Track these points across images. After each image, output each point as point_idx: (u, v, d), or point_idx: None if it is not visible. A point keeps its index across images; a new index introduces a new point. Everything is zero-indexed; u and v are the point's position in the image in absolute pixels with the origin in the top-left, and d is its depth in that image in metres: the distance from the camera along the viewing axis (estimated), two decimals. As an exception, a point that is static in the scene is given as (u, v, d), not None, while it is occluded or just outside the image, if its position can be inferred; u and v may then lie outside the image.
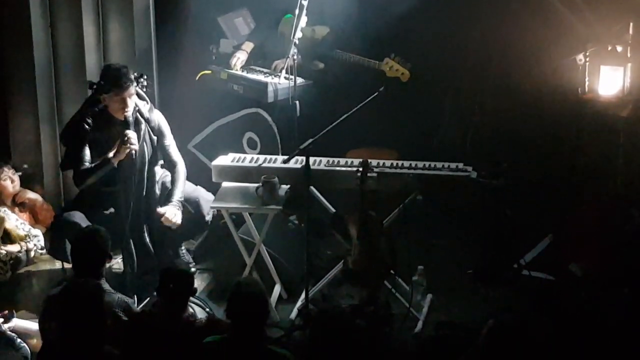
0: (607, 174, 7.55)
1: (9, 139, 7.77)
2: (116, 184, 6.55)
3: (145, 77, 6.70)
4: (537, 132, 9.49)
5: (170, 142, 6.90)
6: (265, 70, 7.94)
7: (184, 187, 6.88)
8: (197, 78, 7.99)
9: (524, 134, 9.54)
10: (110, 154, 6.48)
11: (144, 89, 6.70)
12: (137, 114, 6.63)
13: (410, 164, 6.76)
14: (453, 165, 6.74)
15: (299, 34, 7.33)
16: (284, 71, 7.63)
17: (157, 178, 6.82)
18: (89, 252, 5.71)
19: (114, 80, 6.50)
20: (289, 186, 6.82)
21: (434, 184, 6.64)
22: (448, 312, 6.83)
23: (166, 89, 8.10)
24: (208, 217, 7.04)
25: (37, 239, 7.21)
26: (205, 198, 7.02)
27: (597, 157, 7.30)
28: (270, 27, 8.15)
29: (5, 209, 7.24)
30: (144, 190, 6.70)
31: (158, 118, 6.81)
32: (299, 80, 7.49)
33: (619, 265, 7.09)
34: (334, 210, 7.00)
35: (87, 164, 6.55)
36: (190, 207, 6.95)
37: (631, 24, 7.52)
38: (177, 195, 6.81)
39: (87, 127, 6.60)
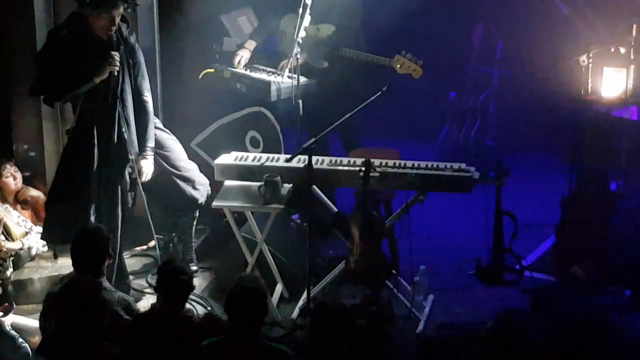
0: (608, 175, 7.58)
1: (12, 137, 7.78)
2: (94, 101, 6.47)
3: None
4: (540, 130, 9.61)
5: (141, 73, 6.75)
6: (268, 69, 7.95)
7: (153, 133, 6.83)
8: (200, 77, 8.01)
9: (527, 133, 9.67)
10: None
11: (129, 10, 6.57)
12: (118, 34, 6.53)
13: (413, 164, 6.76)
14: (456, 165, 6.74)
15: (302, 33, 7.35)
16: (287, 70, 7.64)
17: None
18: (89, 250, 5.72)
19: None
20: (291, 185, 6.82)
21: (437, 184, 6.64)
22: (450, 313, 6.85)
23: (169, 88, 8.11)
24: (202, 200, 7.12)
25: (38, 236, 7.22)
26: (201, 181, 7.14)
27: (598, 159, 7.30)
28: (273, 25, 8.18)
29: (7, 205, 7.26)
30: (117, 113, 6.55)
31: (135, 41, 6.72)
32: (302, 79, 7.50)
33: (617, 267, 7.16)
34: (336, 209, 7.03)
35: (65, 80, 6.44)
36: (186, 184, 7.05)
37: (634, 26, 7.53)
38: (150, 143, 6.76)
39: (64, 42, 6.46)
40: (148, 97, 6.79)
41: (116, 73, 6.46)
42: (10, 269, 6.96)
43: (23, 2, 7.53)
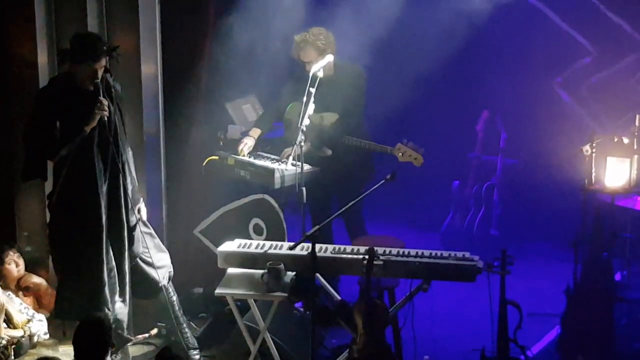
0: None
1: (15, 223, 7.80)
2: (92, 153, 6.59)
3: (118, 48, 6.73)
4: (544, 220, 9.62)
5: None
6: (272, 156, 7.99)
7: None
8: (204, 164, 8.05)
9: (532, 222, 9.68)
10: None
11: (112, 60, 6.73)
12: (105, 81, 6.66)
13: (417, 252, 6.74)
14: (460, 254, 6.72)
15: (306, 121, 7.38)
16: (290, 157, 7.67)
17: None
18: (91, 342, 5.68)
19: (91, 50, 6.49)
20: (294, 273, 6.79)
21: (441, 273, 6.63)
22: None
23: (173, 174, 8.15)
24: (163, 282, 7.10)
25: (40, 324, 7.21)
26: (162, 264, 7.15)
27: (602, 248, 7.30)
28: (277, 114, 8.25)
29: (10, 292, 7.25)
30: (111, 158, 6.71)
31: (120, 89, 6.88)
32: (306, 166, 7.52)
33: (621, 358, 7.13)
34: (339, 298, 7.02)
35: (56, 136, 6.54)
36: (148, 266, 7.06)
37: (637, 116, 7.56)
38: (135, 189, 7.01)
39: (51, 99, 6.59)
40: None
41: (105, 119, 6.56)
42: (12, 357, 6.93)
43: (31, 81, 7.63)
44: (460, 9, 9.31)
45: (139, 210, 7.00)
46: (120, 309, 6.89)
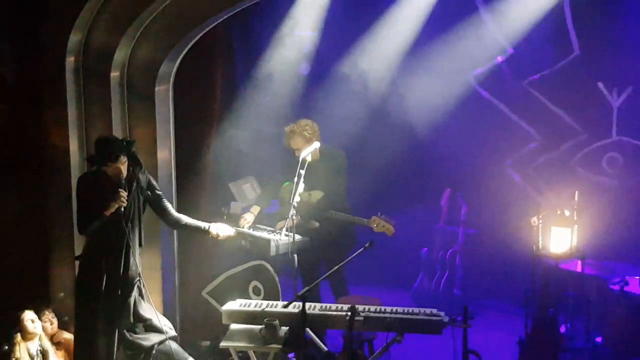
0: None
1: (49, 285, 7.77)
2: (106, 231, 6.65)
3: (134, 143, 6.81)
4: (500, 281, 9.61)
5: (161, 199, 7.02)
6: (268, 228, 7.99)
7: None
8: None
9: (489, 283, 9.67)
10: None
11: (135, 153, 6.81)
12: (131, 174, 6.74)
13: (392, 309, 6.75)
14: (428, 310, 6.74)
15: (297, 198, 7.38)
16: (284, 229, 7.68)
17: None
18: None
19: (107, 154, 6.61)
20: (287, 328, 6.80)
21: (412, 326, 6.64)
22: None
23: (184, 244, 8.17)
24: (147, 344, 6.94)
25: None
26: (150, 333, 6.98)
27: (549, 305, 7.32)
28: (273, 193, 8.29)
29: (49, 343, 7.21)
30: (135, 230, 6.80)
31: (148, 179, 6.92)
32: (297, 236, 7.50)
33: None
34: (326, 349, 7.01)
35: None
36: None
37: (576, 193, 7.64)
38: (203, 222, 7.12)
39: (87, 186, 6.70)
40: (173, 209, 7.11)
41: (122, 208, 6.61)
42: None
43: (63, 165, 7.66)
44: (425, 105, 9.53)
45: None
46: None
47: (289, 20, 9.65)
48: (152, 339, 6.92)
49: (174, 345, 7.01)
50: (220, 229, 7.18)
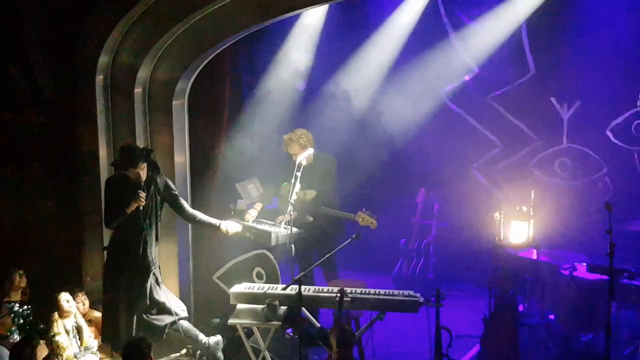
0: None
1: (81, 272, 7.77)
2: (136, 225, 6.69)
3: (152, 151, 6.88)
4: (467, 267, 9.61)
5: (177, 198, 7.02)
6: (269, 222, 7.99)
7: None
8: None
9: (458, 269, 9.66)
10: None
11: (153, 159, 6.84)
12: (150, 177, 6.77)
13: (375, 291, 6.77)
14: (406, 292, 6.76)
15: (294, 196, 7.40)
16: (283, 223, 7.71)
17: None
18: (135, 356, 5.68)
19: (129, 160, 6.64)
20: (286, 307, 6.81)
21: (393, 306, 6.66)
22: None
23: (198, 235, 8.15)
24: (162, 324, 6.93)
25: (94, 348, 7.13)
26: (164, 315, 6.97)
27: (509, 287, 7.32)
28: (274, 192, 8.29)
29: (83, 320, 7.19)
30: (152, 226, 6.82)
31: (165, 181, 6.94)
32: (294, 229, 7.50)
33: None
34: (319, 325, 7.03)
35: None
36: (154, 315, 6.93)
37: (532, 192, 7.64)
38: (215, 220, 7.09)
39: (113, 186, 6.75)
40: (188, 206, 7.11)
41: (142, 207, 6.64)
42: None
43: (94, 168, 7.65)
44: (403, 117, 9.53)
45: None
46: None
47: (286, 43, 9.67)
48: (165, 320, 6.93)
49: (185, 324, 7.01)
50: (230, 226, 7.19)
